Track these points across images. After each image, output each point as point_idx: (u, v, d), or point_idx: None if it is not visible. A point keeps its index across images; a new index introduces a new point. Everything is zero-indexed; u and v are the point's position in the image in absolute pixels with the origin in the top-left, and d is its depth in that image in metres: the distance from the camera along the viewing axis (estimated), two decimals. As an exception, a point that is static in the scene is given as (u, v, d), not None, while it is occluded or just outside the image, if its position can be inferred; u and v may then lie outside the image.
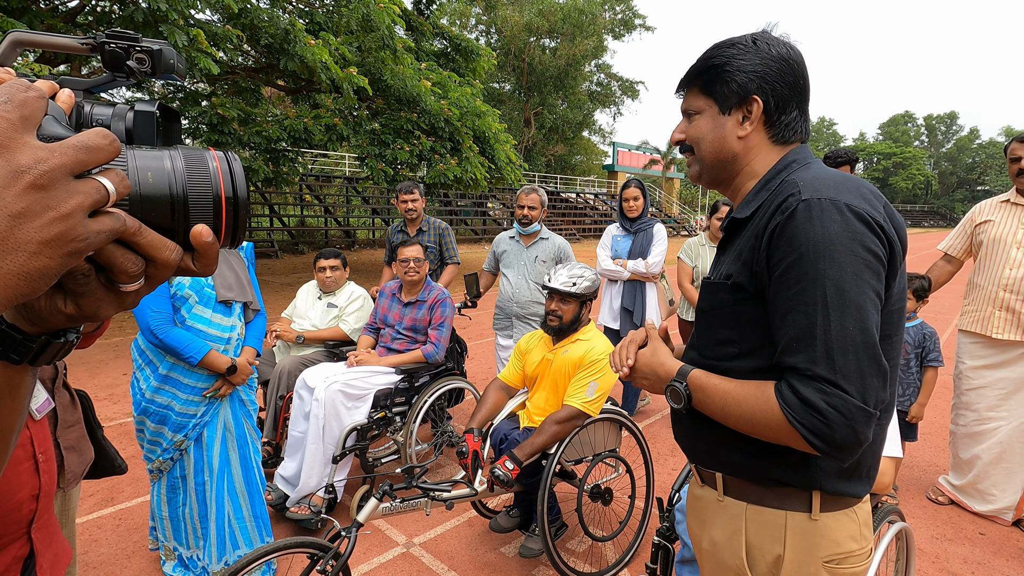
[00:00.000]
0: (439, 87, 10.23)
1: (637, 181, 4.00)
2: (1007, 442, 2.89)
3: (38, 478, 0.89)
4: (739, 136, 1.04)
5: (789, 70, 1.01)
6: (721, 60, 1.03)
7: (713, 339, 1.05)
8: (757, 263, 0.95)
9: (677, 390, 1.02)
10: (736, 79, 1.01)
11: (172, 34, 5.90)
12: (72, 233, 0.33)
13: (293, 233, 15.96)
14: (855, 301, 0.85)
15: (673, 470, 3.47)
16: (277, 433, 3.11)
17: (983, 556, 2.65)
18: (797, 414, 0.86)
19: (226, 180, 0.42)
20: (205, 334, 2.16)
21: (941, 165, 72.01)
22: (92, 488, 3.09)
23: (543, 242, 3.53)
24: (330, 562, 1.79)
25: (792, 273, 0.89)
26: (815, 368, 0.85)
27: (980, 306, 2.92)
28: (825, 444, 0.85)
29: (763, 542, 1.01)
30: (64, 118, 0.40)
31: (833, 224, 0.87)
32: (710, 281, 1.06)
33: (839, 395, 0.84)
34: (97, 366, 5.37)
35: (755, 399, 0.92)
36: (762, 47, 1.01)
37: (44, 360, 0.44)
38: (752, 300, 0.97)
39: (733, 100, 1.03)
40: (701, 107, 1.07)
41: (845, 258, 0.86)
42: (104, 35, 0.52)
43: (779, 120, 1.03)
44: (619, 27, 33.87)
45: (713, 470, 1.10)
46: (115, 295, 0.40)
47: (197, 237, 0.40)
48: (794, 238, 0.88)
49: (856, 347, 0.85)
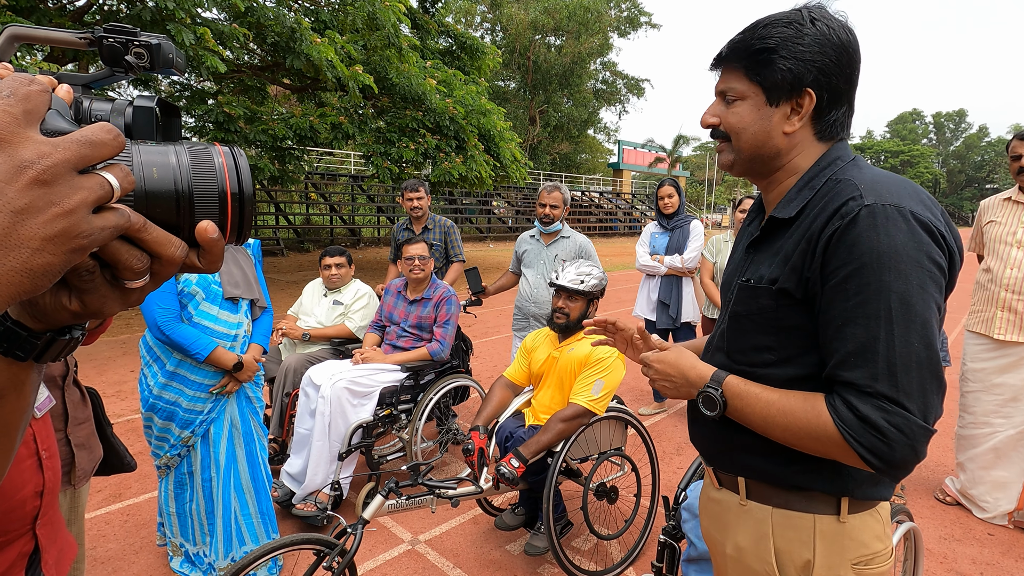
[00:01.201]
0: (444, 85, 10.23)
1: (672, 179, 4.15)
2: (1002, 449, 2.86)
3: (42, 475, 0.89)
4: (786, 132, 0.95)
5: (847, 60, 0.91)
6: (774, 41, 0.91)
7: (747, 344, 1.00)
8: (808, 269, 0.89)
9: (712, 397, 0.96)
10: (791, 68, 0.90)
11: (179, 32, 5.93)
12: (76, 229, 0.33)
13: (299, 231, 16.02)
14: (921, 316, 0.81)
15: (679, 469, 3.46)
16: (283, 430, 3.12)
17: (992, 557, 2.63)
18: (854, 432, 0.82)
19: (232, 175, 0.41)
20: (212, 331, 2.17)
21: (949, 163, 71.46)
22: (100, 484, 3.11)
23: (564, 240, 3.46)
24: (336, 559, 1.79)
25: (852, 283, 0.83)
26: (876, 385, 0.81)
27: (984, 306, 2.90)
28: (883, 463, 0.81)
29: (792, 546, 0.98)
30: (68, 112, 0.40)
31: (899, 233, 0.82)
32: (749, 284, 0.99)
33: (901, 414, 0.80)
34: (105, 363, 5.40)
35: (803, 412, 0.87)
36: (821, 29, 0.90)
37: (49, 357, 0.43)
38: (797, 306, 0.92)
39: (784, 91, 0.93)
40: (744, 93, 0.96)
41: (911, 270, 0.81)
42: (102, 29, 0.52)
43: (828, 116, 0.95)
44: (625, 24, 33.77)
45: (735, 474, 1.06)
46: (120, 292, 0.39)
47: (202, 233, 0.40)
48: (856, 246, 0.83)
49: (920, 364, 0.81)
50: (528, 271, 3.53)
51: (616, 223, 27.63)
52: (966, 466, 3.00)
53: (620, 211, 29.90)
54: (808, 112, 0.94)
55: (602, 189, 32.12)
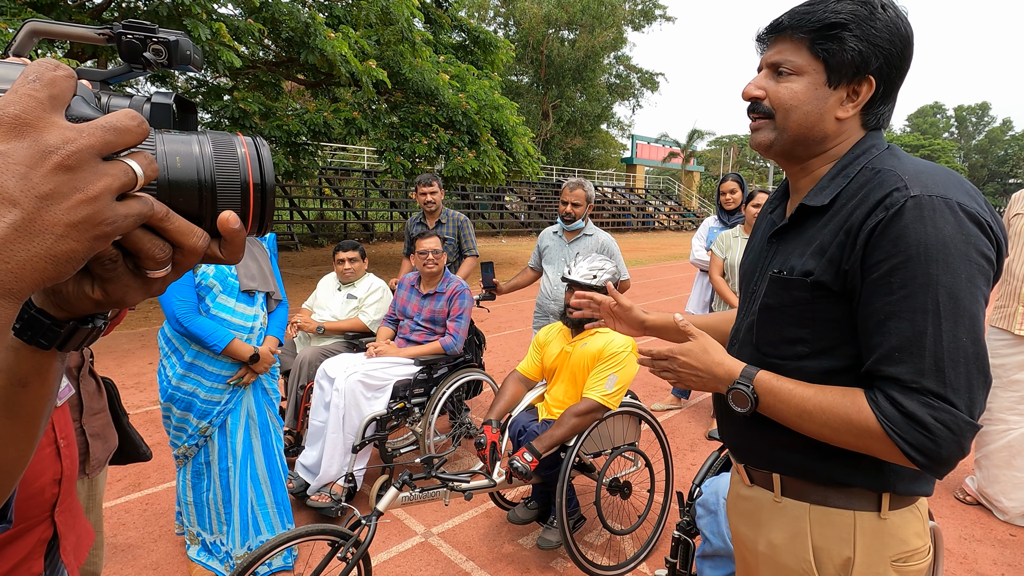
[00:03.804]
0: (457, 80, 10.21)
1: (735, 174, 4.07)
2: (1016, 447, 2.81)
3: (60, 463, 0.91)
4: (839, 117, 0.91)
5: (908, 54, 0.89)
6: (847, 17, 0.86)
7: (779, 337, 0.97)
8: (847, 261, 0.86)
9: (743, 393, 0.94)
10: (860, 48, 0.86)
11: (196, 28, 5.99)
12: (99, 216, 0.33)
13: (313, 226, 16.14)
14: (969, 310, 0.79)
15: (692, 465, 3.44)
16: (298, 422, 3.16)
17: (1013, 558, 2.58)
18: (899, 428, 0.80)
19: (254, 166, 0.41)
20: (229, 323, 2.19)
21: (971, 157, 69.98)
22: (120, 473, 3.17)
23: (586, 238, 3.39)
24: (351, 549, 1.81)
25: (897, 276, 0.81)
26: (922, 381, 0.79)
27: (1007, 301, 2.85)
28: (928, 460, 0.80)
29: (830, 544, 0.95)
30: (93, 100, 0.40)
31: (947, 225, 0.79)
32: (781, 276, 0.95)
33: (949, 410, 0.78)
34: (125, 355, 5.49)
35: (843, 408, 0.85)
36: (891, 16, 0.87)
37: (72, 345, 0.44)
38: (833, 298, 0.89)
39: (847, 73, 0.88)
40: (803, 68, 0.90)
41: (959, 263, 0.79)
42: (121, 25, 0.52)
43: (879, 108, 0.92)
44: (639, 18, 33.40)
45: (768, 471, 1.03)
46: (142, 281, 0.39)
47: (225, 224, 0.40)
48: (902, 238, 0.81)
49: (968, 359, 0.79)
50: (549, 268, 3.48)
51: (629, 218, 27.47)
52: (982, 463, 2.96)
53: (633, 206, 29.71)
54: (864, 100, 0.91)
55: (615, 184, 31.93)
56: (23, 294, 0.31)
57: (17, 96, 0.32)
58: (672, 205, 33.41)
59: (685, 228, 29.90)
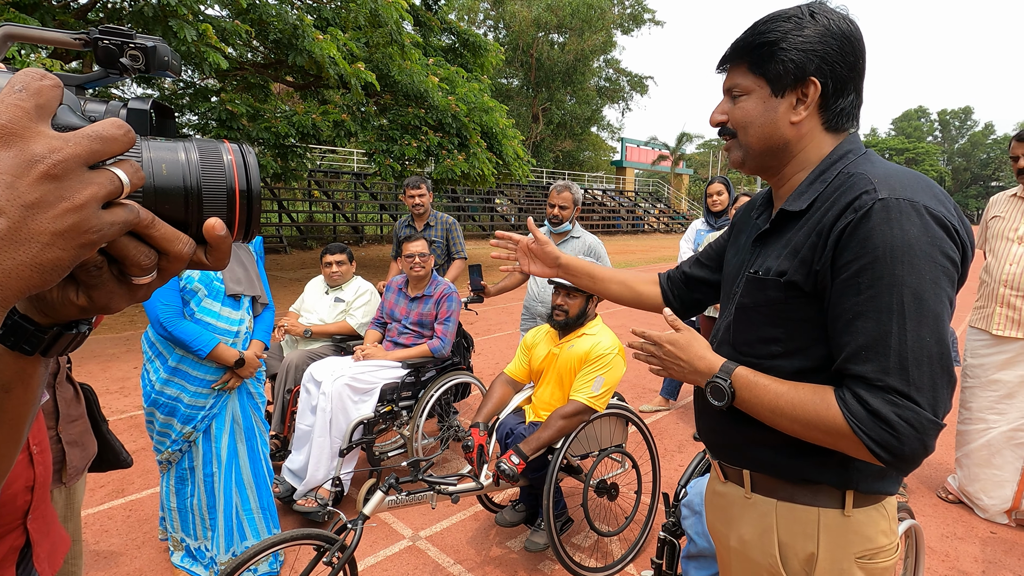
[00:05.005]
0: (446, 83, 10.22)
1: (722, 177, 4.14)
2: (995, 446, 2.85)
3: (32, 470, 0.90)
4: (792, 121, 0.96)
5: (850, 48, 0.92)
6: (776, 35, 0.93)
7: (754, 336, 1.01)
8: (818, 262, 0.90)
9: (720, 387, 0.97)
10: (792, 58, 0.92)
11: (181, 29, 5.94)
12: (85, 224, 0.33)
13: (302, 229, 16.04)
14: (933, 310, 0.82)
15: (680, 466, 3.46)
16: (285, 426, 3.13)
17: (994, 555, 2.62)
18: (864, 425, 0.82)
19: (240, 173, 0.42)
20: (214, 327, 2.18)
21: (955, 161, 71.05)
22: (103, 480, 3.13)
23: (573, 241, 3.42)
24: (336, 554, 1.80)
25: (864, 277, 0.84)
26: (887, 379, 0.82)
27: (986, 302, 2.90)
28: (892, 457, 0.82)
29: (795, 540, 0.99)
30: (79, 108, 0.40)
31: (913, 228, 0.82)
32: (757, 276, 0.99)
33: (912, 408, 0.81)
34: (110, 360, 5.43)
35: (813, 405, 0.88)
36: (821, 21, 0.92)
37: (56, 351, 0.44)
38: (805, 298, 0.92)
39: (788, 81, 0.94)
40: (749, 87, 0.98)
41: (924, 265, 0.82)
42: (97, 31, 0.52)
43: (835, 105, 0.95)
44: (628, 22, 33.61)
45: (740, 467, 1.07)
46: (127, 288, 0.40)
47: (210, 231, 0.40)
48: (868, 240, 0.84)
49: (931, 359, 0.81)
50: None
51: (619, 221, 27.59)
52: (963, 462, 3.01)
53: (623, 209, 29.85)
54: (814, 101, 0.94)
55: (605, 187, 32.07)
56: (8, 302, 0.31)
57: (3, 106, 0.32)
58: (661, 207, 33.60)
59: (674, 230, 30.10)
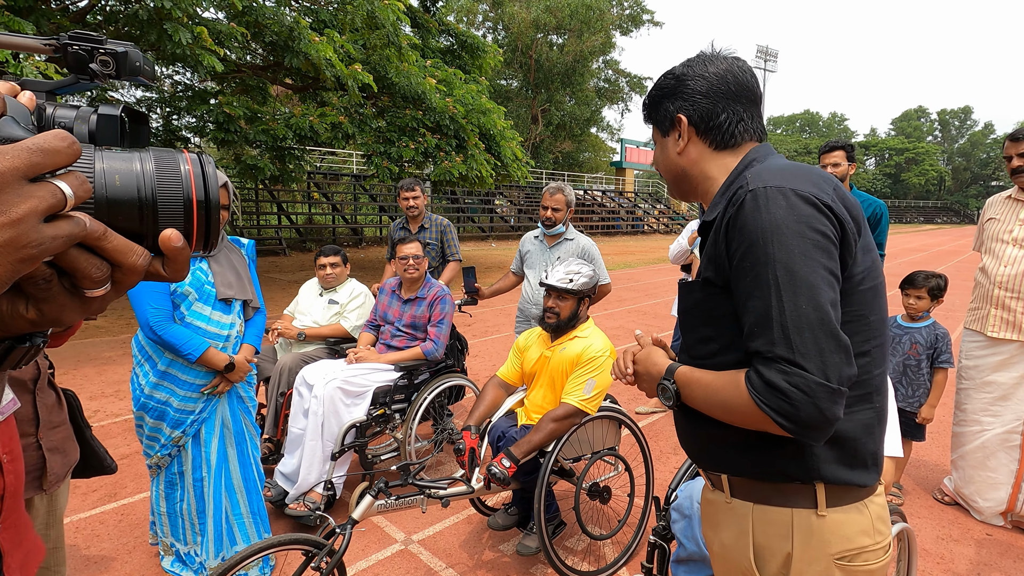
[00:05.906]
0: (444, 84, 10.23)
1: None
2: (990, 448, 2.84)
3: (3, 479, 0.89)
4: (678, 152, 1.12)
5: (719, 81, 1.07)
6: (653, 93, 1.16)
7: (694, 338, 1.09)
8: (720, 257, 0.98)
9: (666, 387, 1.06)
10: (663, 106, 1.12)
11: (176, 31, 5.94)
12: (23, 239, 0.32)
13: (301, 231, 16.04)
14: (805, 280, 0.87)
15: (674, 469, 3.45)
16: (278, 430, 3.13)
17: (989, 557, 2.61)
18: (763, 396, 0.87)
19: (198, 183, 0.41)
20: (204, 331, 2.17)
21: (955, 160, 71.04)
22: (95, 484, 3.12)
23: (567, 243, 3.39)
24: (324, 559, 1.79)
25: (747, 261, 0.91)
26: (775, 349, 0.87)
27: (981, 304, 2.89)
28: (792, 423, 0.86)
29: (771, 541, 1.01)
30: (28, 119, 0.39)
31: (779, 209, 0.90)
32: (684, 281, 1.12)
33: (799, 373, 0.85)
34: (106, 363, 5.42)
35: (729, 387, 0.95)
36: (679, 72, 1.10)
37: (8, 365, 0.43)
38: (721, 294, 1.00)
39: (666, 123, 1.13)
40: (654, 136, 1.19)
41: (792, 240, 0.88)
42: (67, 36, 0.51)
43: (711, 127, 1.08)
44: (627, 23, 33.62)
45: (717, 472, 1.10)
46: (80, 300, 0.39)
47: (166, 242, 0.39)
48: (744, 227, 0.92)
49: (811, 325, 0.86)
50: (530, 272, 3.47)
51: (619, 222, 27.58)
52: (958, 464, 3.00)
53: (623, 210, 29.83)
54: (685, 130, 1.09)
55: (605, 188, 32.06)
56: None
57: None
58: (661, 208, 33.58)
59: (674, 231, 30.05)
